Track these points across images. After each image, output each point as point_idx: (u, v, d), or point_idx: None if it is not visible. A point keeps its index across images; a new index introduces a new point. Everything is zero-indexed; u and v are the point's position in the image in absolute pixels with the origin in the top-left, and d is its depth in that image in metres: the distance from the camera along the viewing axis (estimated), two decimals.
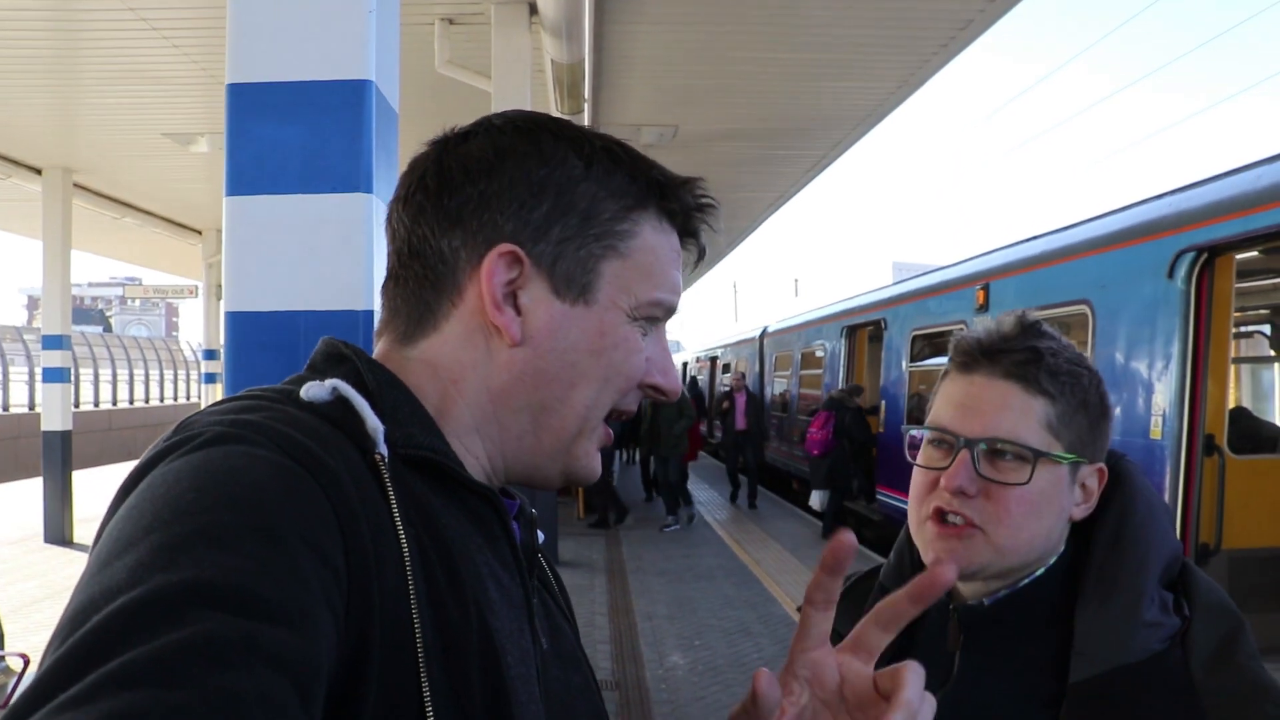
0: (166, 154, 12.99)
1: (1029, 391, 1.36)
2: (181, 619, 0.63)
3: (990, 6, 8.51)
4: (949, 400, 1.42)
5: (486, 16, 8.35)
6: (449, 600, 0.84)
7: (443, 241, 0.98)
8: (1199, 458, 6.61)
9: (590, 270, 0.98)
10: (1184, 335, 6.74)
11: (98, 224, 17.07)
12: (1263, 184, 6.38)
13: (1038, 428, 1.35)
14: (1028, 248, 9.85)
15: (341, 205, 2.22)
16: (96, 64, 9.81)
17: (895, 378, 13.12)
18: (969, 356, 1.42)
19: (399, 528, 0.82)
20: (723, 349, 30.33)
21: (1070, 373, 1.38)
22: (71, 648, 0.63)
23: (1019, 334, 1.40)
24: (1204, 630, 1.30)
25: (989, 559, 1.36)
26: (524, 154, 0.98)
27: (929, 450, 1.42)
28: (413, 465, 0.89)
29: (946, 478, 1.36)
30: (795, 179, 15.86)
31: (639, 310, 0.99)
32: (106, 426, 27.33)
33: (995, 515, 1.34)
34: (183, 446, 0.79)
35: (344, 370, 0.94)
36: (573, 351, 0.97)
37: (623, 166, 1.01)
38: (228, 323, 2.24)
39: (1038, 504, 1.35)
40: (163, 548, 0.69)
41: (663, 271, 1.01)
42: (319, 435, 0.82)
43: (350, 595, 0.76)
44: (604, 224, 0.98)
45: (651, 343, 1.02)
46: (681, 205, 1.03)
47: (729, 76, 10.39)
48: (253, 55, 2.27)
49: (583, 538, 14.06)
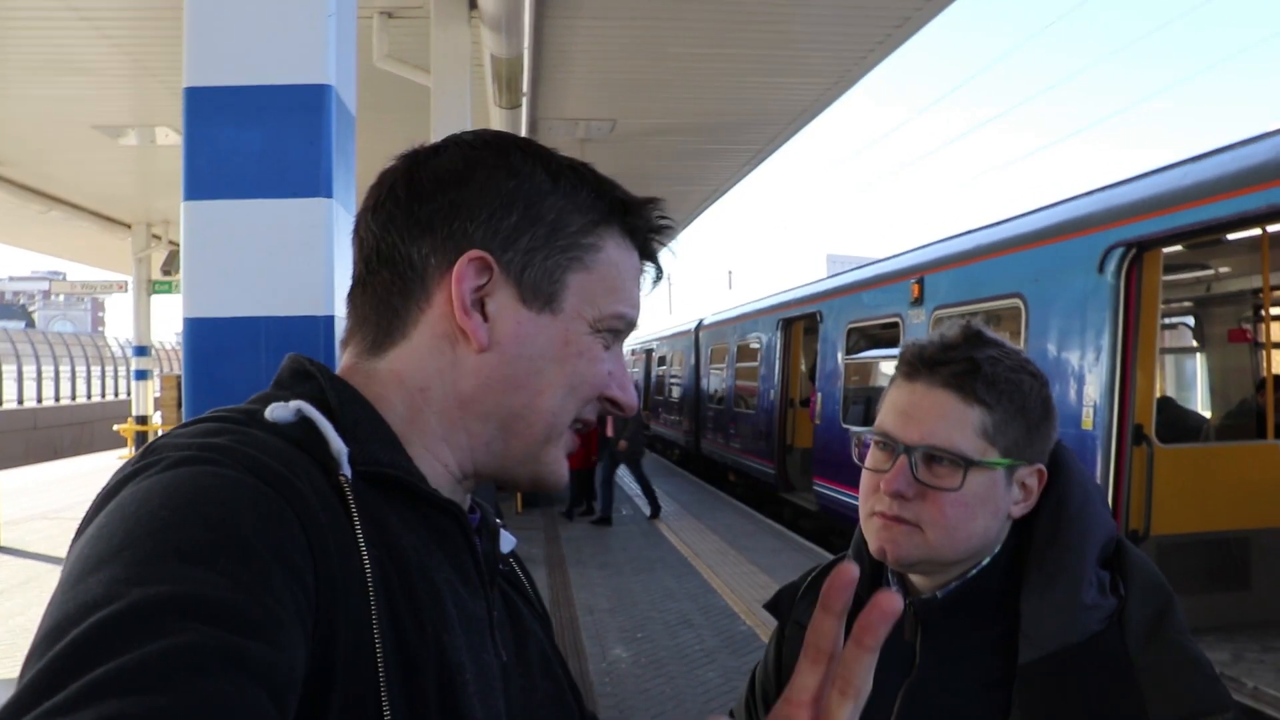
0: (95, 146, 12.74)
1: (965, 401, 1.44)
2: (160, 630, 0.64)
3: (926, 5, 8.64)
4: (893, 407, 1.50)
5: (425, 10, 8.30)
6: (407, 619, 0.86)
7: (412, 248, 0.98)
8: (1128, 447, 6.77)
9: (556, 280, 1.00)
10: (1114, 328, 6.90)
11: (22, 216, 16.69)
12: (1188, 182, 6.56)
13: (972, 435, 1.43)
14: (961, 242, 9.99)
15: (301, 210, 2.22)
16: (22, 53, 9.60)
17: (830, 370, 13.25)
18: (912, 366, 1.49)
19: (363, 549, 0.84)
20: (657, 342, 30.38)
21: (1009, 380, 1.45)
22: (50, 661, 0.64)
23: (961, 344, 1.47)
24: (1137, 609, 1.39)
25: (925, 554, 1.45)
26: (494, 166, 1.00)
27: (875, 452, 1.50)
28: (375, 482, 0.90)
29: (885, 481, 1.45)
30: (732, 173, 15.95)
31: (601, 322, 1.02)
32: (31, 425, 26.72)
33: (931, 516, 1.43)
34: (152, 468, 0.79)
35: (308, 388, 0.95)
36: (539, 359, 0.99)
37: (588, 184, 1.04)
38: (186, 328, 2.22)
39: (972, 506, 1.43)
40: (137, 563, 0.69)
41: (624, 287, 1.04)
42: (285, 458, 0.83)
43: (318, 612, 0.78)
44: (570, 236, 1.00)
45: (611, 357, 1.04)
46: (644, 224, 1.06)
47: (667, 72, 10.43)
48: (211, 59, 2.24)
49: (521, 531, 14.01)
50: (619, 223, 1.04)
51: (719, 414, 20.17)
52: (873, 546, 1.48)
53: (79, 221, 17.85)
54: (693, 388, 23.13)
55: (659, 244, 1.09)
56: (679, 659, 7.85)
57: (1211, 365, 10.46)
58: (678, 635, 8.56)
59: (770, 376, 16.47)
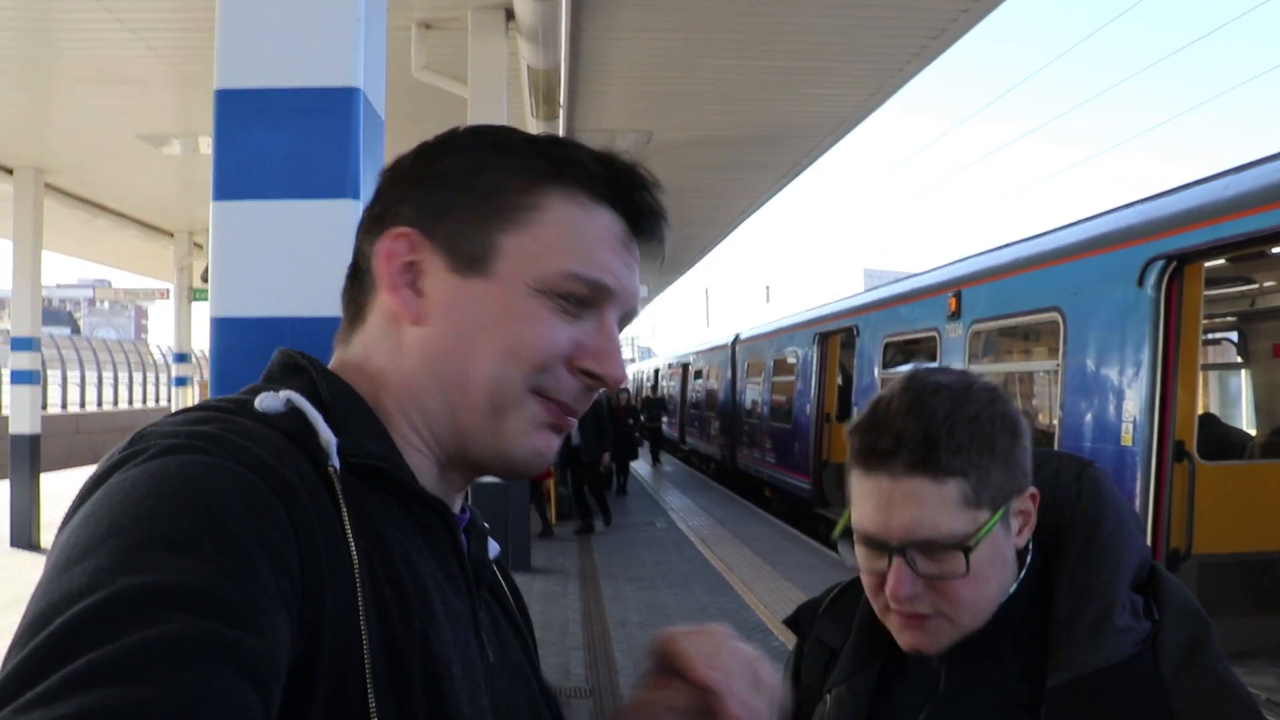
0: (140, 155, 12.90)
1: (938, 480, 1.32)
2: (144, 620, 0.64)
3: (963, 15, 8.60)
4: (865, 501, 1.37)
5: (463, 22, 8.36)
6: (394, 612, 0.85)
7: (366, 243, 1.01)
8: (1169, 464, 6.66)
9: (487, 244, 0.97)
10: (1154, 342, 6.80)
11: (69, 225, 16.93)
12: (1230, 193, 6.45)
13: (957, 512, 1.32)
14: (999, 255, 9.91)
15: (329, 211, 2.23)
16: (71, 64, 9.75)
17: (868, 384, 13.18)
18: (865, 460, 1.37)
19: (350, 540, 0.83)
20: (694, 355, 30.36)
21: (970, 432, 1.33)
22: (34, 649, 0.63)
23: (904, 417, 1.34)
24: (1173, 634, 1.34)
25: (958, 634, 1.39)
26: (437, 152, 1.02)
27: (861, 549, 1.40)
28: (364, 475, 0.90)
29: (890, 590, 1.34)
30: (768, 185, 15.94)
31: (546, 284, 0.97)
32: (74, 430, 27.08)
33: (949, 604, 1.35)
34: (139, 456, 0.79)
35: (299, 381, 0.95)
36: (468, 325, 0.97)
37: (538, 147, 1.01)
38: (213, 328, 2.24)
39: (985, 573, 1.36)
40: (122, 552, 0.69)
41: (579, 247, 0.98)
42: (273, 447, 0.83)
43: (304, 602, 0.77)
44: (505, 198, 0.98)
45: (589, 327, 1.00)
46: (592, 175, 1.00)
47: (703, 83, 10.44)
48: (242, 61, 2.27)
49: (554, 544, 14.04)
50: (565, 179, 0.99)
51: (755, 428, 20.12)
52: (902, 644, 1.42)
53: (123, 230, 18.09)
54: (729, 402, 23.08)
55: (635, 199, 1.02)
56: None
57: (1256, 382, 10.30)
58: None
59: (806, 391, 16.41)
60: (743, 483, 21.18)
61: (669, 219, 1.05)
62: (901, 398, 1.36)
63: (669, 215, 1.05)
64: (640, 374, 49.59)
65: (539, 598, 9.77)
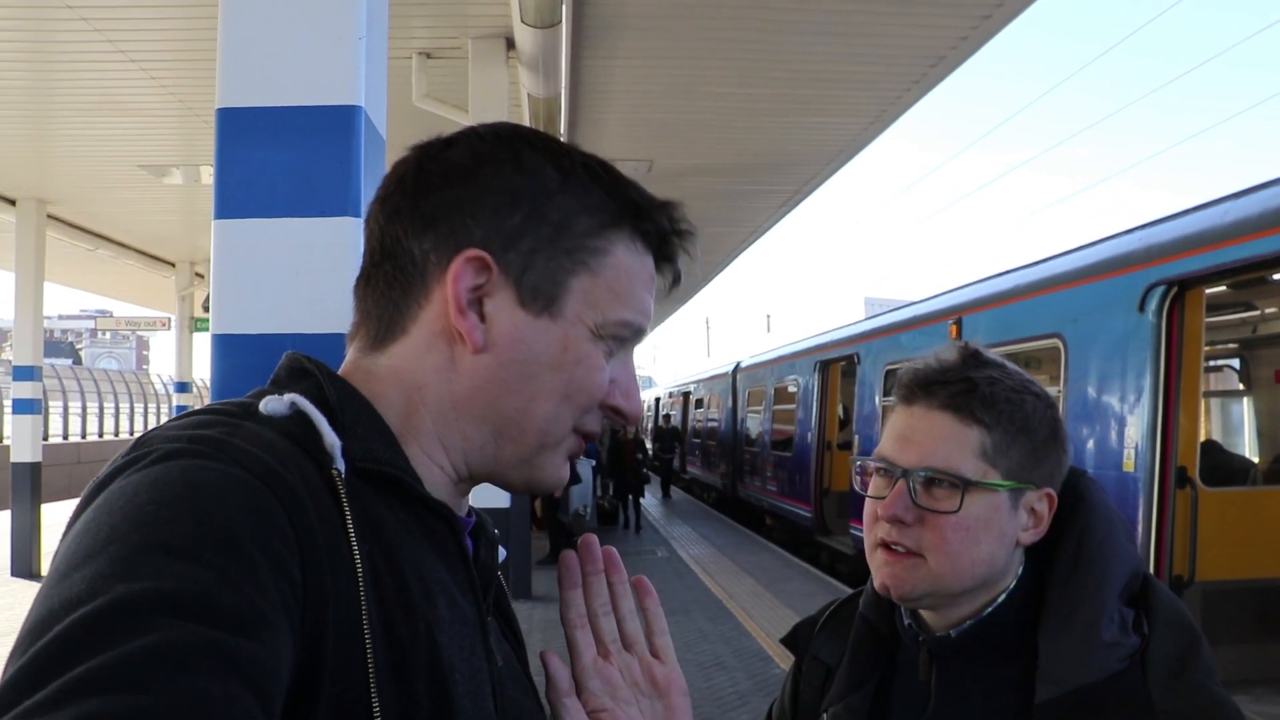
0: (141, 186, 12.97)
1: (963, 421, 1.40)
2: (144, 627, 0.64)
3: (961, 44, 8.65)
4: (891, 431, 1.46)
5: (464, 51, 8.41)
6: (399, 617, 0.84)
7: (414, 244, 0.97)
8: (1172, 490, 6.63)
9: (558, 284, 0.96)
10: (1155, 368, 6.78)
11: (71, 255, 16.99)
12: (1230, 219, 6.46)
13: (971, 456, 1.38)
14: (1000, 282, 9.92)
15: (330, 229, 2.24)
16: (72, 94, 9.81)
17: (869, 412, 13.16)
18: (909, 389, 1.46)
19: (353, 543, 0.82)
20: (695, 384, 30.37)
21: (1009, 400, 1.41)
22: (34, 656, 0.63)
23: (957, 365, 1.44)
24: (1162, 649, 1.34)
25: (930, 585, 1.40)
26: (501, 161, 0.98)
27: (876, 479, 1.46)
28: (370, 479, 0.89)
29: (883, 506, 1.41)
30: (769, 214, 15.98)
31: (605, 329, 0.98)
32: (75, 459, 27.04)
33: (932, 542, 1.38)
34: (140, 461, 0.79)
35: (306, 385, 0.94)
36: (534, 363, 0.96)
37: (601, 183, 1.00)
38: (214, 345, 2.23)
39: (974, 530, 1.38)
40: (122, 558, 0.69)
41: (633, 293, 1.00)
42: (276, 450, 0.82)
43: (306, 607, 0.76)
44: (576, 238, 0.97)
45: (617, 365, 1.01)
46: (657, 228, 1.02)
47: (704, 112, 10.49)
48: (243, 80, 2.28)
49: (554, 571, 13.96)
50: (630, 225, 1.00)
51: (756, 457, 20.08)
52: (876, 582, 1.45)
53: (125, 260, 18.14)
54: (730, 430, 23.04)
55: (677, 249, 1.05)
56: (712, 701, 7.76)
57: (1258, 408, 10.28)
58: (711, 677, 8.47)
59: (808, 419, 16.39)
60: (744, 512, 21.12)
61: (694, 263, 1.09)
62: (962, 351, 1.47)
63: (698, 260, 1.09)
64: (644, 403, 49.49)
65: (540, 625, 9.71)
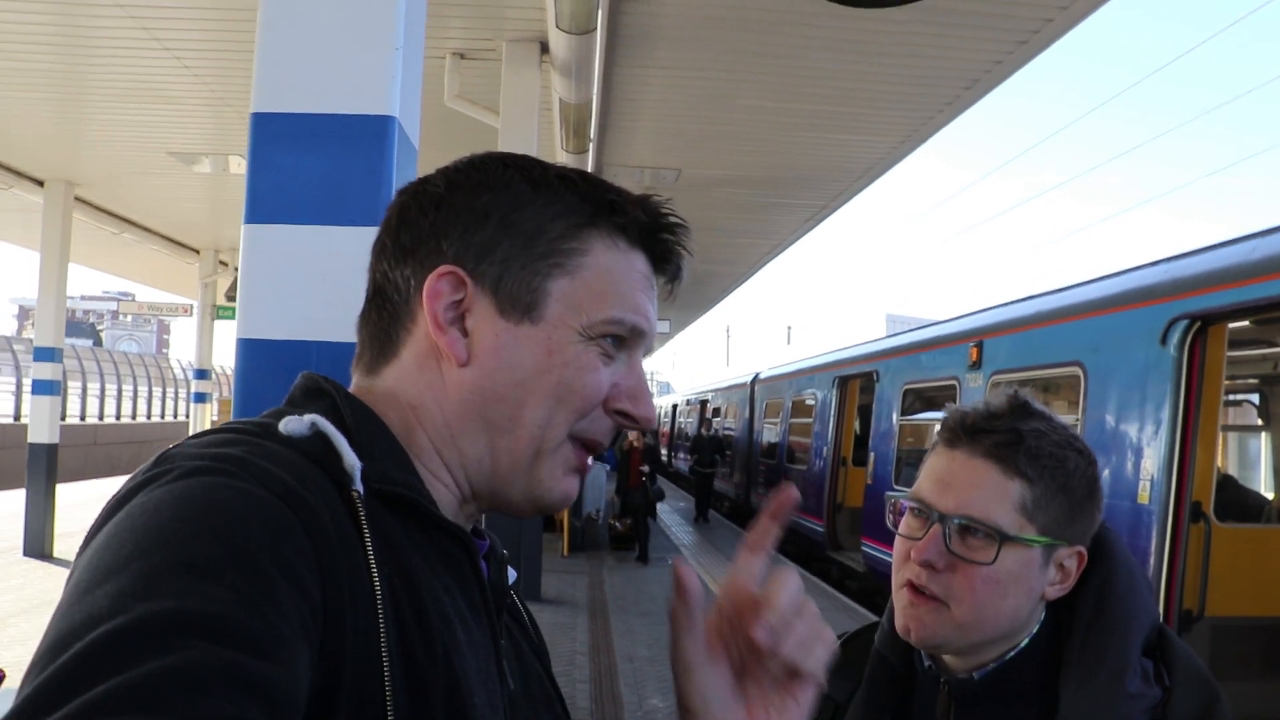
0: (170, 172, 13.03)
1: (1006, 473, 1.38)
2: (164, 647, 0.64)
3: (996, 67, 8.63)
4: (931, 473, 1.45)
5: (498, 53, 8.43)
6: (417, 640, 0.85)
7: (397, 273, 1.00)
8: (1185, 524, 6.60)
9: (536, 289, 0.97)
10: (1174, 402, 6.75)
11: (96, 238, 17.07)
12: (1256, 256, 6.44)
13: (1011, 509, 1.37)
14: (1022, 307, 9.89)
15: (359, 238, 2.24)
16: (105, 79, 9.87)
17: (885, 430, 13.12)
18: (954, 433, 1.44)
19: (373, 566, 0.83)
20: (713, 393, 30.31)
21: (1054, 455, 1.39)
22: (53, 674, 0.63)
23: (1006, 414, 1.42)
24: (1183, 702, 1.34)
25: (951, 634, 1.39)
26: (474, 184, 1.01)
27: (910, 519, 1.44)
28: (387, 501, 0.90)
29: (917, 549, 1.39)
30: (795, 227, 15.96)
31: (592, 329, 0.97)
32: (92, 441, 27.18)
33: (961, 591, 1.37)
34: (163, 477, 0.79)
35: (322, 405, 0.94)
36: (519, 370, 0.96)
37: (574, 188, 1.01)
38: (239, 349, 2.25)
39: (1004, 584, 1.37)
40: (144, 576, 0.69)
41: (619, 292, 0.99)
42: (297, 470, 0.83)
43: (325, 629, 0.77)
44: (550, 243, 0.98)
45: (621, 368, 1.00)
46: (635, 221, 1.01)
47: (734, 124, 10.49)
48: (279, 85, 2.29)
49: (565, 575, 13.99)
50: (606, 223, 1.00)
51: (771, 468, 20.03)
52: (898, 623, 1.44)
53: (150, 245, 18.24)
54: (746, 441, 23.00)
55: (666, 241, 1.03)
56: None
57: (1276, 445, 10.20)
58: None
59: (824, 433, 16.35)
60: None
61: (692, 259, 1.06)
62: (1011, 400, 1.44)
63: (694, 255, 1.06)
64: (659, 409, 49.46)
65: (547, 629, 9.64)
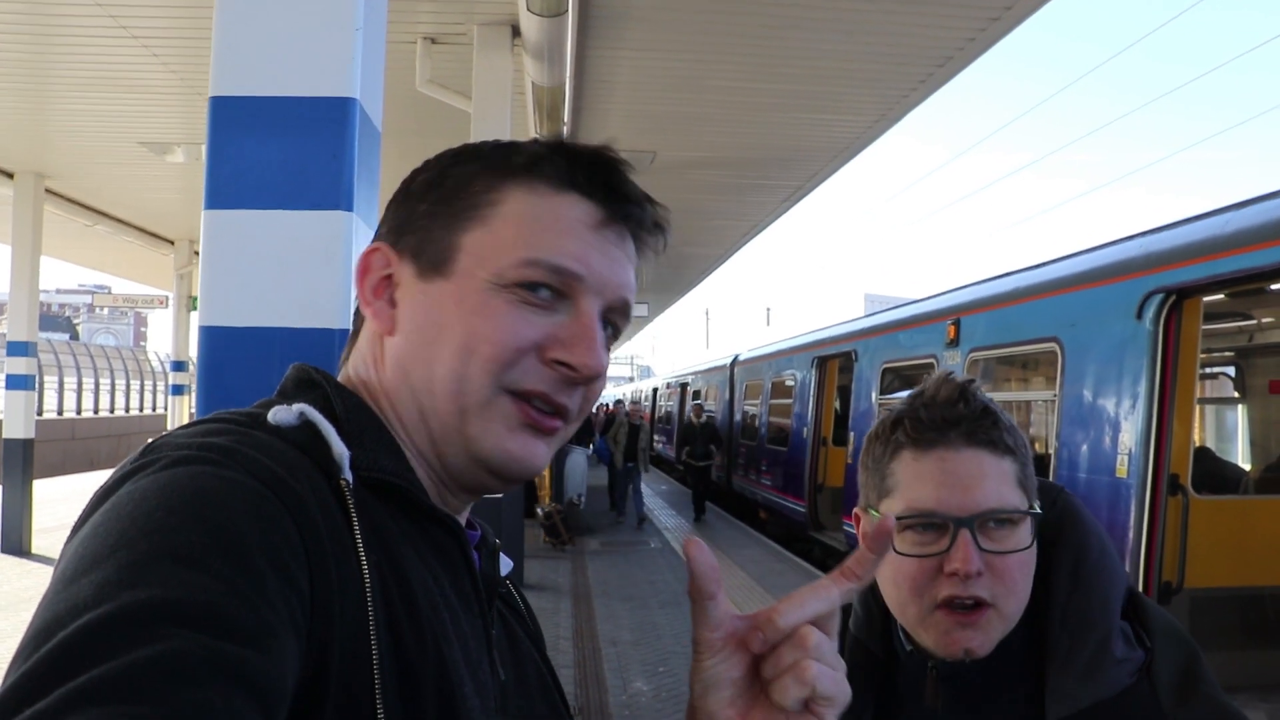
0: (142, 162, 12.91)
1: (998, 454, 1.34)
2: (148, 636, 0.63)
3: (968, 45, 8.61)
4: (923, 480, 1.35)
5: (469, 37, 8.37)
6: (407, 629, 0.84)
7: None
8: (1163, 497, 6.66)
9: (449, 245, 0.97)
10: (1151, 375, 6.79)
11: (68, 230, 16.93)
12: (1230, 229, 6.47)
13: (1015, 487, 1.34)
14: (999, 284, 9.92)
15: (321, 222, 2.21)
16: (72, 69, 9.75)
17: (865, 409, 13.15)
18: (925, 433, 1.36)
19: (361, 555, 0.82)
20: (693, 375, 30.33)
21: (1010, 426, 1.37)
22: (37, 664, 0.63)
23: (962, 397, 1.37)
24: (1167, 662, 1.34)
25: (1001, 633, 1.35)
26: (415, 173, 1.04)
27: (913, 536, 1.35)
28: (377, 490, 0.89)
29: (961, 563, 1.30)
30: (771, 208, 15.94)
31: (504, 276, 0.94)
32: (70, 435, 27.01)
33: (1004, 586, 1.32)
34: (150, 467, 0.79)
35: (313, 396, 0.94)
36: (431, 327, 0.96)
37: (501, 146, 1.01)
38: (201, 337, 2.22)
39: (1029, 562, 1.35)
40: (129, 565, 0.68)
41: (538, 234, 0.95)
42: (285, 460, 0.82)
43: (313, 618, 0.76)
44: (468, 198, 0.98)
45: (562, 318, 0.96)
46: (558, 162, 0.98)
47: (708, 105, 10.46)
48: (237, 69, 2.25)
49: (549, 561, 14.00)
50: (524, 170, 0.98)
51: (751, 450, 20.07)
52: (942, 650, 1.35)
53: (124, 237, 18.08)
54: (726, 423, 23.04)
55: (598, 173, 0.99)
56: None
57: (1252, 417, 10.29)
58: None
59: (804, 414, 16.40)
60: (738, 504, 21.12)
61: (650, 201, 1.02)
62: (949, 385, 1.39)
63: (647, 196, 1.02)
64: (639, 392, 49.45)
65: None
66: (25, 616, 9.68)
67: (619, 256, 0.99)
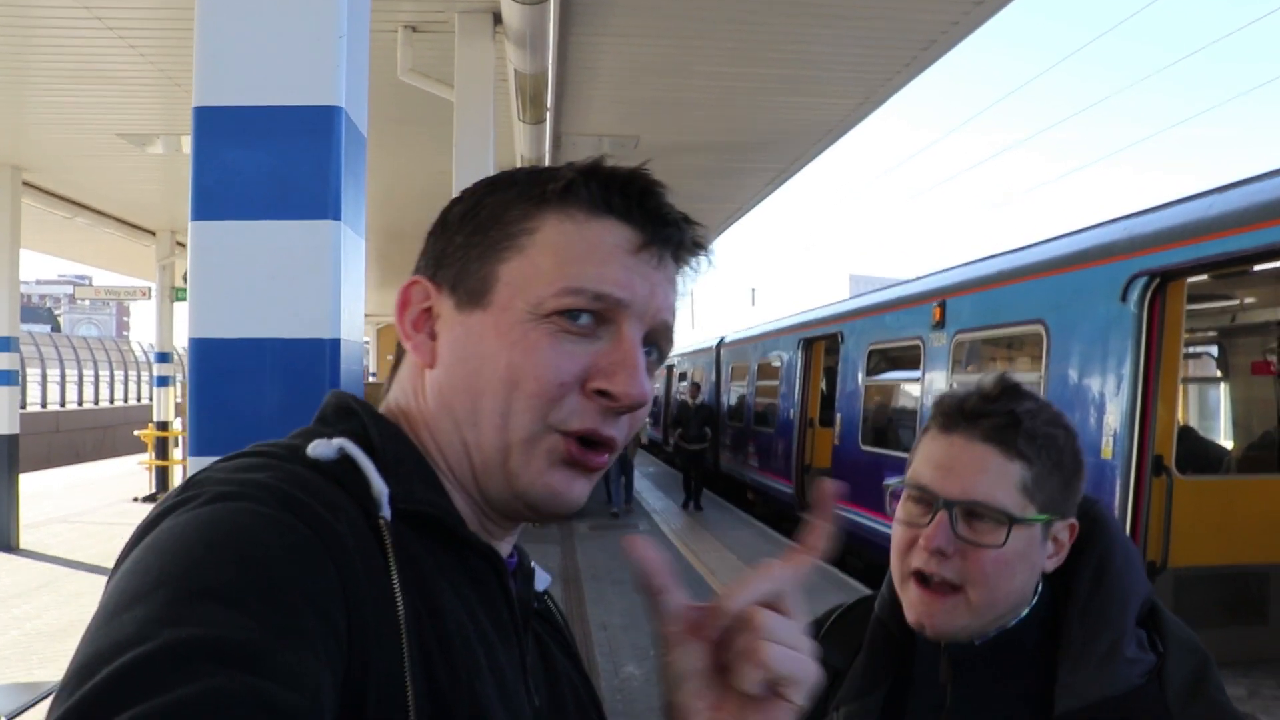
0: (121, 154, 12.80)
1: (1007, 455, 1.40)
2: (189, 675, 0.64)
3: (953, 28, 8.60)
4: (929, 459, 1.46)
5: (450, 25, 8.32)
6: (440, 667, 0.84)
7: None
8: (1148, 477, 6.72)
9: (488, 276, 0.95)
10: (1135, 357, 6.84)
11: (47, 223, 16.79)
12: (1213, 212, 6.51)
13: (1013, 491, 1.40)
14: (985, 266, 9.95)
15: (309, 232, 2.21)
16: (49, 61, 9.66)
17: (851, 391, 13.20)
18: (950, 417, 1.46)
19: (398, 595, 0.83)
20: (679, 358, 30.33)
21: (1047, 435, 1.42)
22: (80, 700, 0.63)
23: (999, 396, 1.44)
24: (1178, 666, 1.39)
25: (967, 620, 1.42)
26: (453, 203, 1.03)
27: (909, 505, 1.46)
28: (413, 521, 0.89)
29: (925, 538, 1.41)
30: (755, 191, 15.94)
31: (543, 306, 0.92)
32: (54, 428, 26.90)
33: (972, 576, 1.40)
34: (191, 502, 0.79)
35: (351, 425, 0.95)
36: (472, 360, 0.95)
37: (532, 173, 1.00)
38: (192, 349, 2.21)
39: (1012, 564, 1.41)
40: (171, 602, 0.70)
41: (575, 261, 0.93)
42: (325, 497, 0.83)
43: (350, 660, 0.77)
44: (504, 228, 0.96)
45: (604, 345, 0.94)
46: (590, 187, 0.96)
47: (692, 90, 10.43)
48: (221, 78, 2.24)
49: (538, 544, 14.01)
50: (559, 197, 0.96)
51: (738, 432, 20.11)
52: (910, 618, 1.46)
53: (104, 228, 17.94)
54: (713, 405, 23.08)
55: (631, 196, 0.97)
56: None
57: (1234, 397, 10.36)
58: None
59: (790, 395, 16.44)
60: (726, 485, 21.18)
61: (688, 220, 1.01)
62: (999, 384, 1.47)
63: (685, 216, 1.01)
64: None
65: None
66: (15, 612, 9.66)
67: (659, 279, 0.98)
